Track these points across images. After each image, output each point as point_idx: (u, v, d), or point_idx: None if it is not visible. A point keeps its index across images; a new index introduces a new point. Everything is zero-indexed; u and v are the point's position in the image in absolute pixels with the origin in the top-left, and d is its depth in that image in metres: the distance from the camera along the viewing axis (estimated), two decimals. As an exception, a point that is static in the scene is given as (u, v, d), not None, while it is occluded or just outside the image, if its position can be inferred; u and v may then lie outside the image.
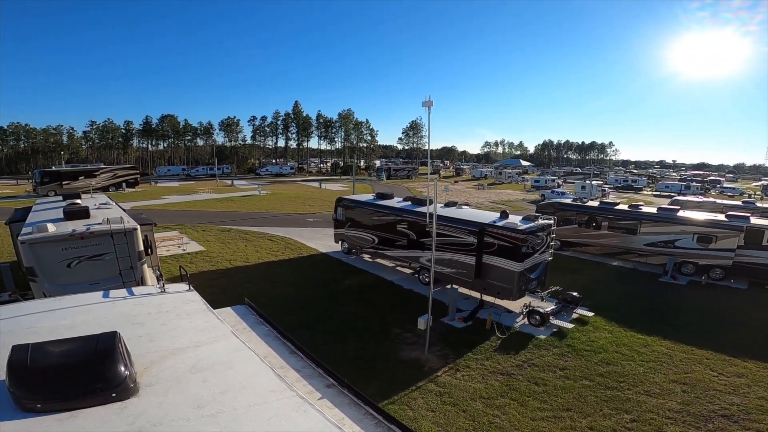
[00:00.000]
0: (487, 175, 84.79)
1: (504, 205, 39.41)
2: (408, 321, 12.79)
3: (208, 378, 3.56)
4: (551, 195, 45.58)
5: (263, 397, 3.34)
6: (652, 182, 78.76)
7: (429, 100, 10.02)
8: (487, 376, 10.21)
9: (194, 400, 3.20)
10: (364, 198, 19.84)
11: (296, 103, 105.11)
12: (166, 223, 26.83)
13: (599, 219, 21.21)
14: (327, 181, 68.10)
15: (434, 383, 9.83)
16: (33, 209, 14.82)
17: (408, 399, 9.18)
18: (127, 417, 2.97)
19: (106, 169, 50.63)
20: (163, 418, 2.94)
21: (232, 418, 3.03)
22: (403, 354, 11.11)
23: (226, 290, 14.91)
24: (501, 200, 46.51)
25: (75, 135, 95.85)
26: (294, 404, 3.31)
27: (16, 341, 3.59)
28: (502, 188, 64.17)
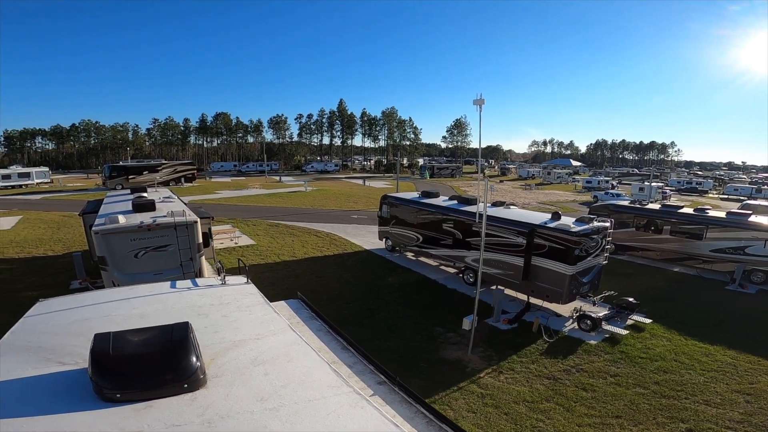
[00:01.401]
0: (534, 175, 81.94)
1: (553, 206, 37.93)
2: (451, 321, 12.67)
3: (269, 371, 3.57)
4: (605, 197, 43.28)
5: (321, 392, 3.34)
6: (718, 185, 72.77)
7: (480, 98, 9.82)
8: (531, 380, 9.94)
9: (257, 393, 3.21)
10: (409, 196, 19.81)
11: (341, 101, 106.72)
12: (220, 216, 28.19)
13: (660, 222, 19.94)
14: (371, 179, 68.61)
15: (476, 384, 9.68)
16: (104, 201, 15.92)
17: (449, 399, 9.09)
18: (197, 408, 2.98)
19: (167, 164, 53.98)
20: (230, 410, 2.97)
21: (293, 412, 3.03)
22: (445, 353, 11.03)
23: (274, 283, 15.44)
24: (549, 201, 44.78)
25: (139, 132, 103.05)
26: (351, 400, 3.30)
27: (95, 329, 3.73)
28: (551, 189, 61.75)
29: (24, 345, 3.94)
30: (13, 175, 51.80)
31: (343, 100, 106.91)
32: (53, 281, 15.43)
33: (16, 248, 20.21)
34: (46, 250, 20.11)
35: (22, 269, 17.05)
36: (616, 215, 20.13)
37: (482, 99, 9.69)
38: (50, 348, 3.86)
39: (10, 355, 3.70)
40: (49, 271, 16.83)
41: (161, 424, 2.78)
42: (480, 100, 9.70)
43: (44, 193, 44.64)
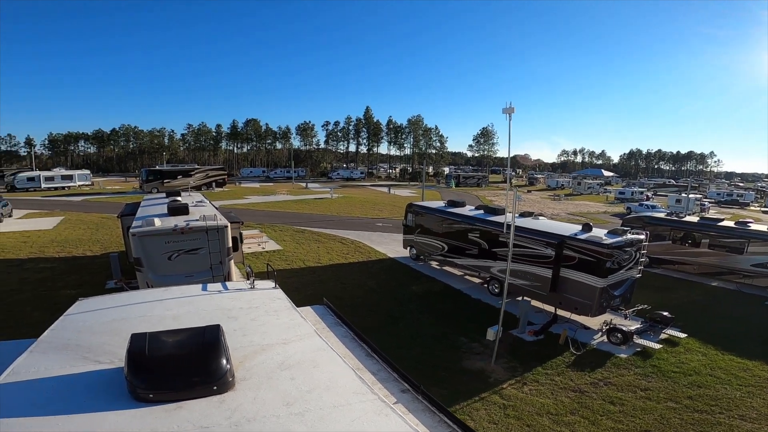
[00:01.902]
0: (563, 185, 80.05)
1: (583, 217, 36.91)
2: (475, 331, 12.52)
3: (295, 375, 3.58)
4: (639, 208, 41.77)
5: (346, 399, 3.33)
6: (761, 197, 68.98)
7: (510, 107, 9.70)
8: (556, 392, 9.68)
9: (284, 397, 3.21)
10: (435, 205, 19.74)
11: (367, 108, 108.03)
12: (248, 221, 28.82)
13: (698, 236, 19.24)
14: (396, 187, 68.79)
15: (499, 395, 9.50)
16: (141, 204, 16.56)
17: (470, 409, 8.94)
18: (225, 411, 3.00)
19: (200, 169, 55.87)
20: (257, 414, 2.98)
21: (318, 417, 3.03)
22: (467, 363, 10.89)
23: (299, 288, 15.63)
24: (580, 212, 43.59)
25: (174, 137, 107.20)
26: (376, 408, 3.28)
27: (131, 329, 3.82)
28: (581, 199, 60.11)
29: (64, 343, 4.07)
30: (56, 177, 54.78)
31: (369, 107, 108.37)
32: (91, 280, 16.10)
33: (57, 248, 21.27)
34: (85, 250, 21.07)
35: (62, 268, 17.87)
36: (651, 227, 19.51)
37: (512, 107, 9.58)
38: (88, 346, 3.98)
39: (50, 353, 3.83)
40: (87, 270, 17.58)
41: (190, 425, 2.80)
42: (509, 108, 9.59)
43: (85, 195, 46.94)
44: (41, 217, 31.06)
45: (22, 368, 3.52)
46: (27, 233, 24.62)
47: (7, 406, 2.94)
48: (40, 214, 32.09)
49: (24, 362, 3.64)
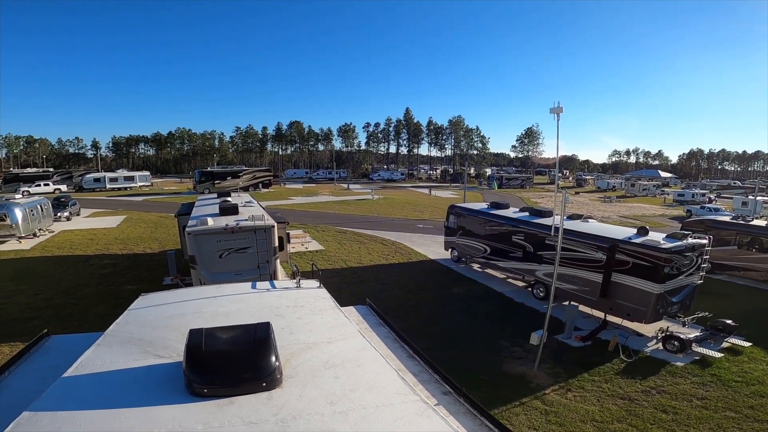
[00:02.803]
0: (615, 187, 76.03)
1: (638, 220, 34.89)
2: (517, 335, 12.24)
3: (339, 374, 3.58)
4: (701, 211, 38.89)
5: (389, 399, 3.30)
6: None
7: (558, 107, 9.39)
8: (603, 399, 9.28)
9: (328, 396, 3.22)
10: (478, 206, 19.43)
11: (407, 109, 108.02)
12: (293, 222, 29.66)
13: (766, 240, 17.83)
14: (437, 188, 68.26)
15: (540, 401, 9.21)
16: (196, 204, 17.45)
17: (509, 414, 8.72)
18: (272, 407, 3.02)
19: (248, 170, 58.32)
20: (302, 411, 3.00)
21: (361, 417, 3.02)
22: (508, 367, 10.65)
23: (341, 288, 15.89)
24: (634, 215, 41.22)
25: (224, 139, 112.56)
26: (418, 409, 3.23)
27: (188, 324, 3.97)
28: (635, 201, 56.83)
29: (127, 337, 4.29)
30: (119, 178, 59.21)
31: (410, 108, 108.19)
32: (149, 276, 17.24)
33: (120, 245, 22.96)
34: (144, 247, 22.59)
35: (124, 264, 19.22)
36: (713, 231, 18.14)
37: (560, 107, 9.26)
38: (149, 340, 4.16)
39: (114, 346, 4.04)
40: (146, 266, 18.83)
41: (240, 420, 2.85)
42: (558, 108, 9.28)
43: (145, 195, 50.36)
44: (106, 216, 33.67)
45: (90, 361, 3.71)
46: (93, 231, 26.77)
47: (77, 398, 3.10)
48: (105, 213, 34.81)
49: (92, 355, 3.83)
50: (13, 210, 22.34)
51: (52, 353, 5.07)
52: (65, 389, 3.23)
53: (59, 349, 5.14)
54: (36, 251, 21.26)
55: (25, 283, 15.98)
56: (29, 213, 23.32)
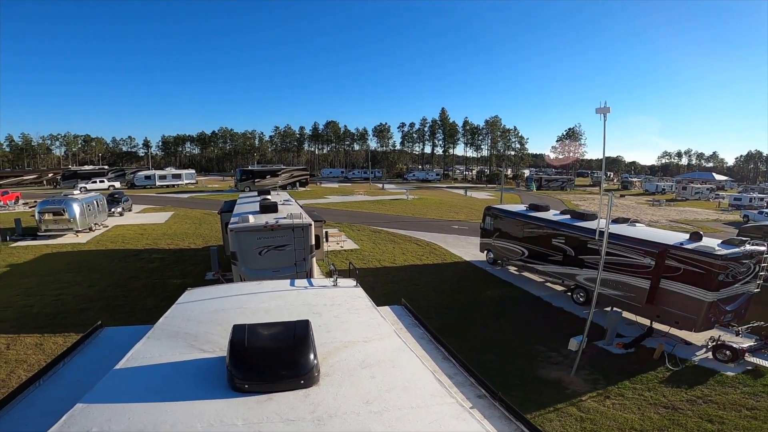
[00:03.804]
0: (665, 190, 72.00)
1: (689, 225, 32.86)
2: (553, 340, 11.91)
3: (375, 374, 3.56)
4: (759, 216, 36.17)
5: (424, 400, 3.26)
6: None
7: (605, 107, 8.99)
8: (644, 408, 8.88)
9: (363, 395, 3.21)
10: (516, 208, 18.97)
11: (443, 109, 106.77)
12: (329, 221, 30.13)
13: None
14: (472, 189, 67.26)
15: (576, 407, 8.89)
16: (237, 202, 18.06)
17: (542, 420, 8.44)
18: (309, 405, 3.03)
19: (286, 169, 59.87)
20: (338, 410, 3.00)
21: (396, 417, 2.99)
22: (543, 372, 10.36)
23: (374, 288, 15.92)
24: (685, 219, 38.86)
25: (264, 139, 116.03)
26: (454, 411, 3.18)
27: (230, 320, 4.06)
28: (686, 205, 53.57)
29: (175, 330, 4.43)
30: (167, 176, 62.43)
31: (445, 108, 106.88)
32: (193, 271, 18.00)
33: (167, 240, 24.16)
34: (189, 243, 23.64)
35: (170, 259, 20.16)
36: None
37: (607, 107, 8.85)
38: (194, 335, 4.28)
39: (163, 339, 4.19)
40: (190, 261, 19.68)
41: (277, 417, 2.87)
42: (604, 108, 8.88)
43: (190, 192, 52.75)
44: (155, 212, 35.56)
45: (140, 353, 3.85)
46: (144, 226, 28.33)
47: (127, 390, 3.21)
48: (154, 209, 36.77)
49: (141, 348, 3.97)
50: (72, 205, 23.99)
51: (105, 345, 5.29)
52: (116, 381, 3.37)
53: (112, 341, 5.36)
54: (91, 245, 22.74)
55: (80, 275, 17.08)
56: (86, 208, 24.99)
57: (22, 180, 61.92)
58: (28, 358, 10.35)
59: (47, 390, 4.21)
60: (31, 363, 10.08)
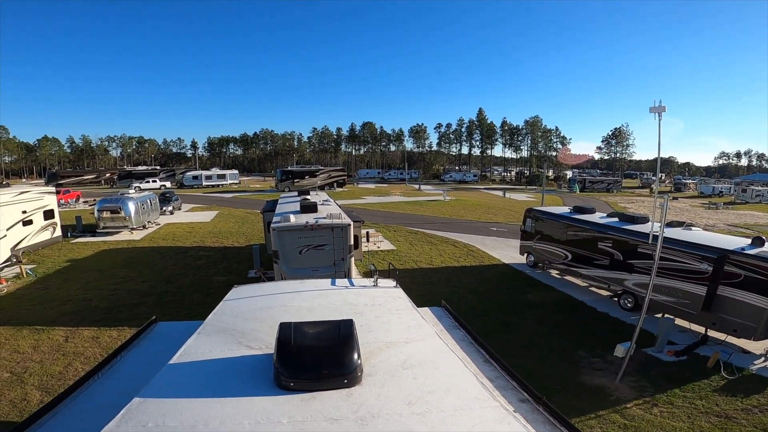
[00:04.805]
0: (722, 192, 67.18)
1: (750, 230, 30.44)
2: (597, 346, 11.49)
3: (417, 375, 3.55)
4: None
5: (467, 403, 3.24)
6: None
7: (660, 105, 8.50)
8: (695, 416, 8.42)
9: (406, 396, 3.19)
10: (559, 210, 18.37)
11: (480, 110, 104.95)
12: (367, 221, 30.39)
13: None
14: (511, 191, 65.67)
15: (620, 414, 8.51)
16: (279, 202, 18.53)
17: (583, 426, 8.11)
18: (352, 404, 3.04)
19: (324, 170, 61.10)
20: (380, 410, 2.99)
21: (439, 419, 2.97)
22: (585, 379, 9.96)
23: (410, 288, 15.72)
24: (744, 223, 36.06)
25: (302, 140, 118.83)
26: (498, 415, 3.13)
27: (275, 317, 4.13)
28: (746, 209, 49.67)
29: (223, 327, 4.56)
30: (213, 176, 65.32)
31: (483, 109, 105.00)
32: (236, 268, 18.63)
33: (212, 238, 25.22)
34: (233, 241, 24.56)
35: (216, 257, 20.98)
36: None
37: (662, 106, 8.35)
38: (242, 331, 4.39)
39: (212, 336, 4.32)
40: (234, 259, 20.40)
41: (321, 416, 2.90)
42: (659, 107, 8.38)
43: (234, 192, 54.87)
44: (202, 210, 37.27)
45: (191, 349, 3.97)
46: (192, 224, 29.76)
47: (180, 386, 3.32)
48: (201, 208, 38.55)
49: (193, 343, 4.09)
50: (128, 204, 25.61)
51: (159, 339, 5.51)
52: (170, 376, 3.50)
53: (165, 335, 5.58)
54: (144, 242, 24.11)
55: (134, 271, 18.12)
56: (140, 207, 26.58)
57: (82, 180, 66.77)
58: (85, 351, 10.78)
59: (105, 383, 4.40)
60: (88, 356, 10.51)
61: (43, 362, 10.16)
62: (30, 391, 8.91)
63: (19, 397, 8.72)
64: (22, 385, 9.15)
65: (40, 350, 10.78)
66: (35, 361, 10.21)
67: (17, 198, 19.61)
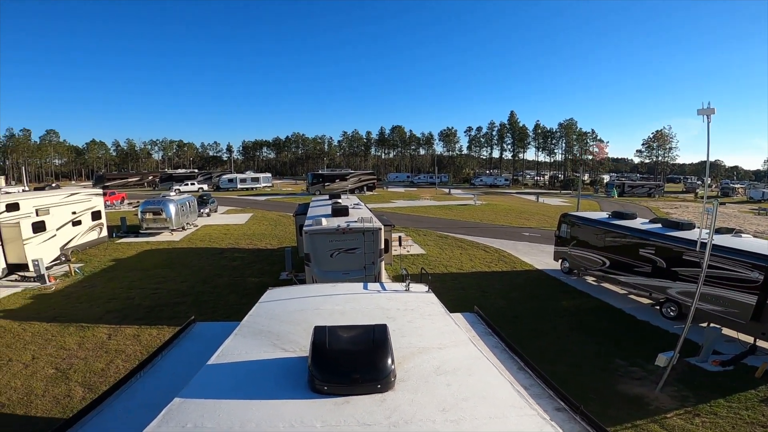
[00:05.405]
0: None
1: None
2: (636, 354, 11.06)
3: (451, 382, 3.51)
4: None
5: (503, 411, 3.16)
6: None
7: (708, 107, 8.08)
8: (739, 426, 8.01)
9: (439, 403, 3.16)
10: (596, 216, 17.78)
11: (512, 113, 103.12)
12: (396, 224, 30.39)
13: None
14: (545, 195, 63.98)
15: (658, 424, 8.15)
16: (310, 205, 18.80)
17: None
18: (385, 410, 3.00)
19: (354, 174, 61.63)
20: (413, 416, 2.96)
21: (473, 427, 2.92)
22: (623, 388, 9.58)
23: (441, 293, 15.39)
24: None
25: (332, 143, 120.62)
26: (534, 424, 3.05)
27: (309, 320, 4.16)
28: (802, 215, 46.21)
29: (259, 329, 4.60)
30: (247, 179, 67.28)
31: (514, 112, 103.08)
32: (269, 270, 18.99)
33: (247, 240, 25.88)
34: (266, 243, 25.09)
35: (250, 258, 21.43)
36: None
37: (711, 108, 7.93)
38: (277, 334, 4.38)
39: (249, 337, 4.37)
40: (267, 261, 20.80)
41: (354, 420, 2.88)
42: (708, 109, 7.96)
43: (267, 195, 56.26)
44: (237, 213, 38.42)
45: (229, 350, 4.02)
46: (227, 226, 30.69)
47: (218, 387, 3.36)
48: (236, 211, 39.75)
49: (230, 344, 4.15)
50: (168, 206, 26.70)
51: (198, 339, 5.66)
52: (208, 377, 3.58)
53: (203, 336, 5.74)
54: (183, 243, 25.04)
55: (174, 271, 18.79)
56: (180, 209, 27.67)
57: (126, 182, 70.41)
58: (126, 349, 11.01)
59: (147, 382, 4.55)
60: (129, 353, 10.72)
61: (87, 359, 10.52)
62: (74, 388, 9.15)
63: (63, 393, 8.96)
64: (66, 381, 9.43)
65: (85, 347, 11.17)
66: (80, 358, 10.53)
67: (67, 199, 20.85)
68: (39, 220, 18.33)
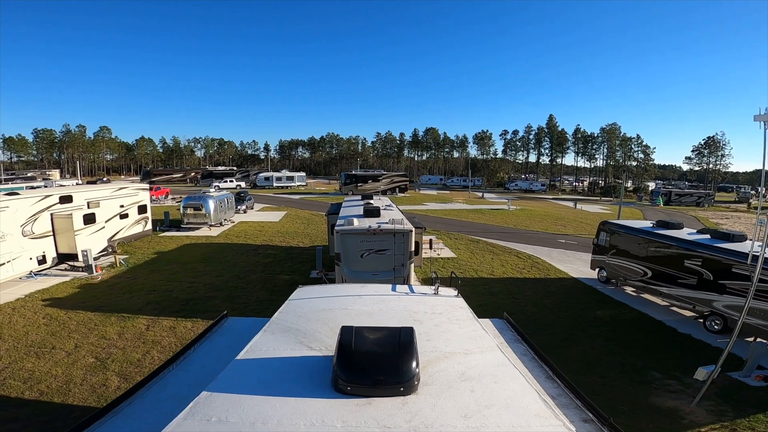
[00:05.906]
0: (842, 210, 57.71)
1: None
2: (674, 367, 10.60)
3: (475, 388, 3.46)
4: None
5: (527, 420, 3.08)
6: None
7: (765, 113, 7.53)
8: None
9: (462, 409, 3.12)
10: (639, 224, 17.03)
11: (550, 116, 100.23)
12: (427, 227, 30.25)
13: None
14: (583, 202, 61.76)
15: None
16: (343, 205, 19.03)
17: None
18: (406, 413, 2.99)
19: (386, 175, 61.84)
20: (435, 421, 2.94)
21: None
22: (657, 400, 9.19)
23: (470, 298, 15.10)
24: None
25: (366, 144, 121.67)
26: None
27: (336, 320, 4.17)
28: None
29: (287, 326, 4.67)
30: (282, 177, 69.04)
31: (553, 115, 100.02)
32: (300, 268, 19.32)
33: (280, 238, 26.49)
34: (298, 242, 25.59)
35: (282, 256, 21.86)
36: None
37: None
38: (304, 332, 4.42)
39: (277, 334, 4.37)
40: (298, 259, 21.17)
41: (375, 423, 2.87)
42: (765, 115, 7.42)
43: (301, 194, 57.46)
44: (272, 211, 39.45)
45: (257, 346, 4.07)
46: (262, 224, 31.55)
47: (244, 382, 3.41)
48: (271, 208, 40.81)
49: (259, 340, 4.21)
50: (208, 202, 27.82)
51: (229, 333, 5.79)
52: (236, 372, 3.65)
53: (234, 330, 5.87)
54: (220, 238, 25.93)
55: (210, 265, 19.47)
56: (218, 205, 28.75)
57: (171, 178, 73.82)
58: (162, 340, 11.27)
59: (178, 374, 4.69)
60: (164, 345, 10.96)
61: (125, 349, 10.76)
62: (110, 377, 9.39)
63: (100, 382, 9.19)
64: (104, 370, 9.68)
65: (125, 337, 11.59)
66: (119, 348, 10.81)
67: (116, 193, 22.13)
68: (89, 212, 19.51)
